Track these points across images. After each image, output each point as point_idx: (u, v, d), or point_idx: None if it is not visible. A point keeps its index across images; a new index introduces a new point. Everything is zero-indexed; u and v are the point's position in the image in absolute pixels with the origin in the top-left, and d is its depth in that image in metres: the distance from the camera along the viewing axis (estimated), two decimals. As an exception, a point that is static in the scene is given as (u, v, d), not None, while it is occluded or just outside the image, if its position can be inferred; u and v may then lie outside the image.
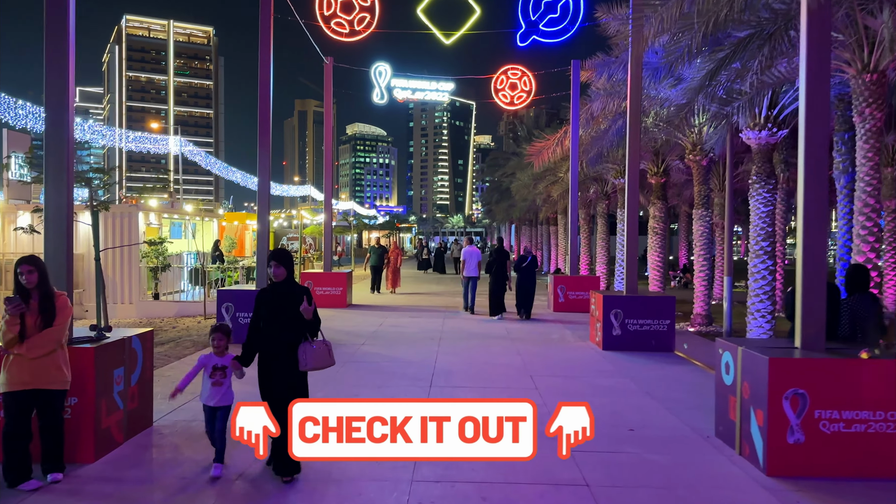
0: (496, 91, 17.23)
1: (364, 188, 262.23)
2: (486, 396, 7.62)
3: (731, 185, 17.69)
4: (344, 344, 11.43)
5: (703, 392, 8.19)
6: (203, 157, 36.81)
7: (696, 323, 16.92)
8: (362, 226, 61.84)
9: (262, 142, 12.00)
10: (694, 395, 8.07)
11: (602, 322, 11.20)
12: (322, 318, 5.91)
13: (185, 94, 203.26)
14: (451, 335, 12.65)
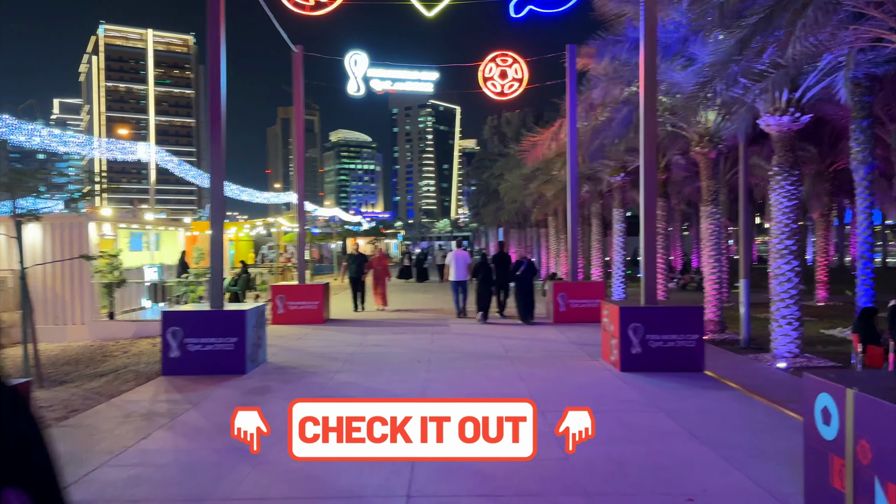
0: (484, 80, 15.55)
1: (350, 195, 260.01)
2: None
3: (747, 178, 16.12)
4: (315, 371, 9.66)
5: (759, 429, 6.52)
6: (175, 164, 34.89)
7: (709, 330, 15.28)
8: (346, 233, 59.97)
9: (214, 133, 10.24)
10: (750, 434, 6.38)
11: (619, 338, 9.52)
12: (295, 337, 4.47)
13: (166, 103, 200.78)
14: (441, 356, 10.92)
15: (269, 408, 7.51)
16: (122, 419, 7.21)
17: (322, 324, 15.33)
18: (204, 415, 7.32)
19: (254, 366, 9.89)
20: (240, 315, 9.56)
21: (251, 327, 9.79)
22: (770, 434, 6.37)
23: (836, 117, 19.75)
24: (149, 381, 9.35)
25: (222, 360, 9.52)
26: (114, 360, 12.15)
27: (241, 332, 9.53)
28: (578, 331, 13.87)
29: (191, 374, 9.44)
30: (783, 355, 11.90)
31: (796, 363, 11.47)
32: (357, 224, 75.29)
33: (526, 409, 3.86)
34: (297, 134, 15.39)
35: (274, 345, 12.25)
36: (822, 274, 22.73)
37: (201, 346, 9.53)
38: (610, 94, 14.12)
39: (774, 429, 6.55)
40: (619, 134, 14.56)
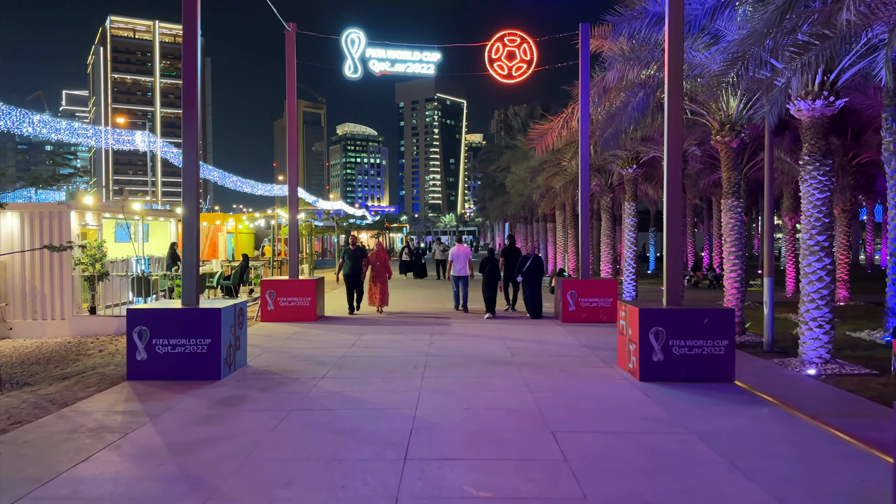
0: (491, 62, 14.46)
1: (355, 188, 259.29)
2: (491, 480, 4.87)
3: (771, 169, 15.02)
4: (298, 378, 8.64)
5: (812, 459, 5.47)
6: (175, 154, 33.92)
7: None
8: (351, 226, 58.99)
9: (187, 102, 9.21)
10: (802, 466, 5.33)
11: (638, 344, 8.47)
12: (283, 337, 3.54)
13: (172, 95, 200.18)
14: (440, 360, 9.88)
15: (237, 424, 6.50)
16: (67, 435, 6.22)
17: (314, 322, 14.32)
18: (161, 431, 6.31)
19: (230, 370, 8.88)
20: (213, 314, 8.55)
21: (227, 327, 8.78)
22: (827, 465, 5.32)
23: (863, 106, 18.62)
24: (112, 386, 8.36)
25: (194, 363, 8.52)
26: (86, 360, 11.19)
27: (215, 333, 8.53)
28: (590, 332, 12.82)
29: (159, 379, 8.45)
30: (813, 360, 10.88)
31: (827, 370, 10.45)
32: (361, 217, 74.34)
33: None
34: (289, 118, 14.35)
35: (258, 345, 11.26)
36: (843, 272, 21.61)
37: (170, 347, 8.53)
38: (626, 75, 13.02)
39: (831, 459, 5.50)
40: (635, 119, 13.46)
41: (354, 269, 15.80)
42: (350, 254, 15.91)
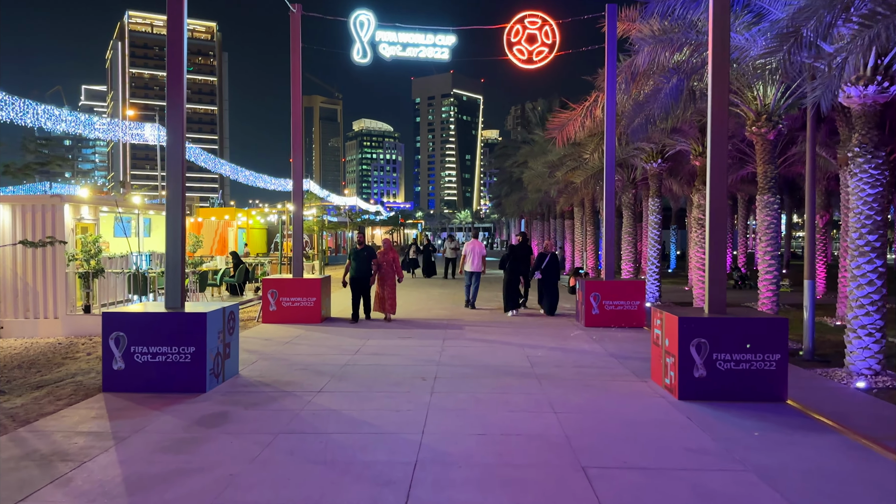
0: (510, 45, 13.42)
1: (371, 184, 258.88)
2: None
3: (813, 163, 13.89)
4: (292, 392, 7.70)
5: (907, 511, 4.44)
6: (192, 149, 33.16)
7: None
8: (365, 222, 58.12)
9: (172, 79, 8.28)
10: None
11: (677, 357, 7.44)
12: (283, 341, 2.72)
13: (189, 90, 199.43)
14: (452, 370, 8.91)
15: (213, 452, 5.56)
16: (15, 463, 5.32)
17: (319, 323, 13.40)
18: (123, 459, 5.40)
19: (217, 382, 7.96)
20: (198, 319, 7.63)
21: (214, 334, 7.86)
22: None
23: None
24: (85, 398, 7.47)
25: (176, 374, 7.62)
26: (70, 365, 10.35)
27: (199, 341, 7.61)
28: (616, 339, 11.78)
29: (137, 392, 7.55)
30: (861, 372, 9.82)
31: (878, 383, 9.40)
32: (376, 213, 73.51)
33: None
34: (293, 104, 13.40)
35: (255, 350, 10.35)
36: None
37: (150, 356, 7.62)
38: (658, 59, 11.94)
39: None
40: (666, 107, 12.39)
41: (360, 272, 13.72)
42: (357, 254, 13.86)
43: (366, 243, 14.14)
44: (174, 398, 7.35)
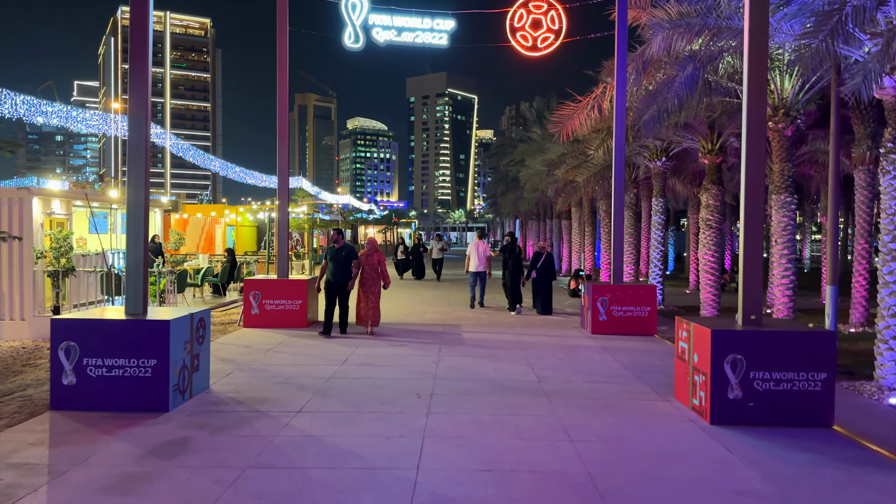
0: (513, 31, 12.48)
1: (365, 183, 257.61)
2: None
3: (837, 159, 13.02)
4: (268, 412, 6.71)
5: None
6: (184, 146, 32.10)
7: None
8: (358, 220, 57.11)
9: (136, 51, 7.30)
10: None
11: (709, 375, 6.51)
12: (264, 348, 2.00)
13: (182, 87, 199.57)
14: (450, 385, 7.95)
15: (163, 494, 4.57)
16: (-81, 507, 4.34)
17: (305, 328, 12.42)
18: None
19: (182, 399, 6.98)
20: (160, 328, 6.65)
21: (179, 344, 6.88)
22: None
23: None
24: (31, 417, 6.48)
25: (135, 391, 6.63)
26: (26, 374, 9.32)
27: (161, 352, 6.63)
28: (627, 348, 10.84)
29: (89, 410, 6.56)
30: (893, 387, 8.95)
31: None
32: (369, 212, 72.44)
33: None
34: (279, 92, 12.43)
35: (231, 360, 9.36)
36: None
37: (105, 370, 6.64)
38: (674, 45, 11.02)
39: None
40: (681, 98, 11.46)
41: (338, 276, 11.69)
42: (334, 254, 11.84)
43: (344, 242, 12.12)
44: (131, 419, 6.37)
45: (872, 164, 16.07)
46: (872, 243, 17.67)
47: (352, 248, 12.19)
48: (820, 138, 19.07)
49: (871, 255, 17.78)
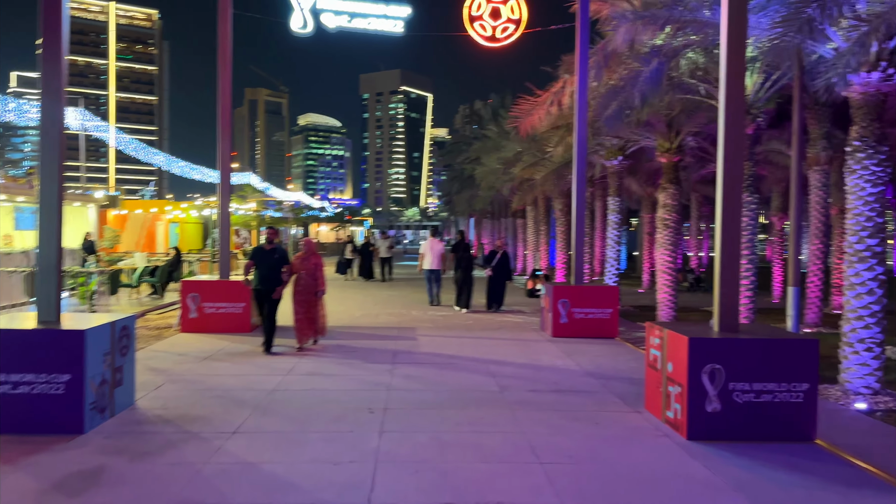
0: (471, 20, 11.89)
1: (317, 180, 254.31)
2: None
3: (800, 158, 12.87)
4: (199, 432, 5.94)
5: None
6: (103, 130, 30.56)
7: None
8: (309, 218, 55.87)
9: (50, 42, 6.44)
10: None
11: (686, 387, 6.03)
12: (202, 356, 2.51)
13: (127, 79, 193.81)
14: (406, 397, 7.30)
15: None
16: None
17: (249, 332, 11.57)
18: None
19: (101, 418, 6.15)
20: (75, 338, 5.82)
21: (98, 356, 6.06)
22: None
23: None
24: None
25: (46, 410, 5.78)
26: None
27: (76, 366, 5.80)
28: (590, 352, 10.36)
29: (-10, 434, 5.70)
30: (859, 391, 8.74)
31: (878, 403, 8.33)
32: (321, 209, 71.11)
33: None
34: (221, 80, 11.55)
35: (164, 370, 8.51)
36: (840, 278, 19.74)
37: (11, 386, 5.77)
38: (638, 37, 10.59)
39: None
40: (645, 93, 11.06)
41: (268, 282, 9.94)
42: (262, 256, 10.03)
43: (276, 243, 10.43)
44: (39, 444, 5.53)
45: (827, 164, 16.06)
46: (827, 243, 17.71)
47: (284, 250, 10.55)
48: (775, 138, 19.07)
49: (825, 256, 17.81)
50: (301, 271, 10.27)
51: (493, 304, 15.82)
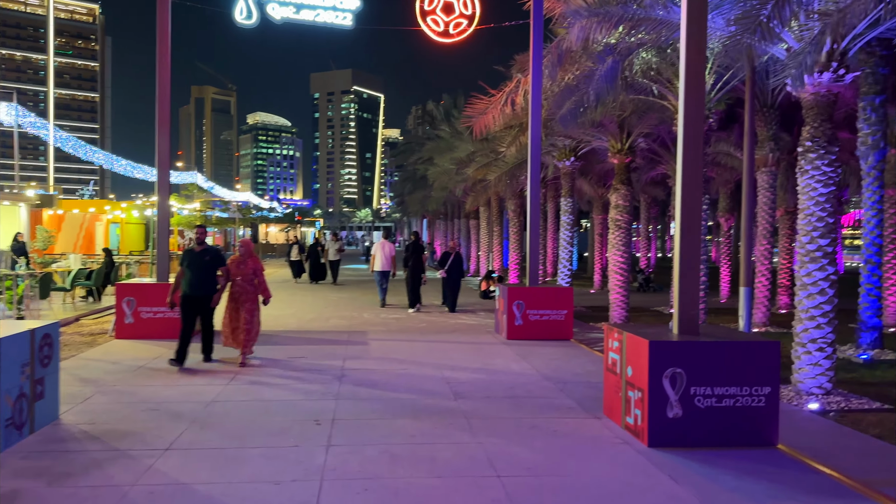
0: (424, 14, 11.57)
1: (267, 181, 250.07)
2: None
3: (752, 159, 12.92)
4: (128, 450, 5.45)
5: None
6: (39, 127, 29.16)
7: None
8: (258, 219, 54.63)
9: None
10: None
11: (646, 392, 5.82)
12: (136, 365, 3.46)
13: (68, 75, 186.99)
14: (356, 406, 6.92)
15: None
16: None
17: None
18: None
19: (19, 436, 5.60)
20: (-15, 349, 5.27)
21: (14, 367, 5.51)
22: None
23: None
24: None
25: (-49, 430, 5.22)
26: None
27: (-13, 381, 5.25)
28: (545, 355, 10.14)
29: None
30: (812, 391, 8.77)
31: (831, 403, 8.36)
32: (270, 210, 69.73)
33: None
34: (159, 72, 10.94)
35: (93, 380, 7.92)
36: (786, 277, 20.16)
37: None
38: (592, 35, 10.43)
39: None
40: (600, 92, 10.93)
41: (198, 287, 8.92)
42: (193, 259, 8.95)
43: (208, 244, 9.42)
44: (-57, 467, 4.97)
45: (775, 165, 16.28)
46: (774, 244, 17.99)
47: (218, 252, 9.47)
48: (723, 140, 19.32)
49: (772, 256, 18.09)
50: (237, 277, 9.07)
51: (448, 306, 15.95)
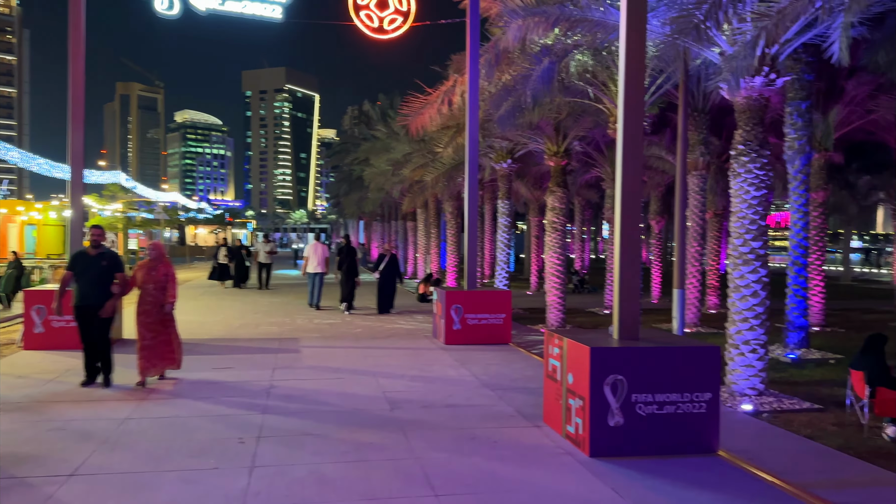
0: (357, 9, 11.19)
1: (196, 180, 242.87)
2: None
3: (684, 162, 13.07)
4: (27, 476, 4.89)
5: None
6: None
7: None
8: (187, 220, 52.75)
9: None
10: None
11: (587, 400, 5.64)
12: (46, 378, 3.44)
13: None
14: (284, 422, 6.49)
15: None
16: None
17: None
18: None
19: None
20: None
21: None
22: None
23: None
24: None
25: None
26: None
27: None
28: (483, 361, 9.92)
29: None
30: (745, 393, 8.90)
31: (763, 404, 8.49)
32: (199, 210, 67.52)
33: None
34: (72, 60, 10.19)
35: (-7, 398, 7.23)
36: (714, 278, 20.72)
37: None
38: (529, 35, 10.29)
39: None
40: (537, 93, 10.80)
41: (90, 296, 7.75)
42: (86, 264, 7.86)
43: (105, 247, 8.24)
44: None
45: (705, 169, 16.60)
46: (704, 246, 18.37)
47: (115, 256, 8.38)
48: (655, 144, 19.63)
49: (702, 257, 18.47)
50: (148, 284, 7.94)
51: (383, 309, 15.92)
